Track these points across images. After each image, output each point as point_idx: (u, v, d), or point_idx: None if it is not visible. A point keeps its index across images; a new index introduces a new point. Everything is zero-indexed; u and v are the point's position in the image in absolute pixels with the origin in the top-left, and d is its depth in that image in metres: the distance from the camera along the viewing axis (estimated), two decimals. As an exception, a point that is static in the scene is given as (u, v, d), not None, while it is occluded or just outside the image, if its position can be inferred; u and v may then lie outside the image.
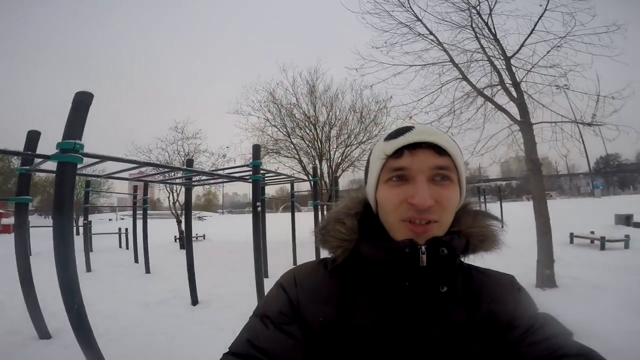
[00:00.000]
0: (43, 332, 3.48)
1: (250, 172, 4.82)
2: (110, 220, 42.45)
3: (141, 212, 8.69)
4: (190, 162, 5.40)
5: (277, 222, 12.38)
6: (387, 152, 0.55)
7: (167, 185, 11.70)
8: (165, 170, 5.64)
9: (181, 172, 6.32)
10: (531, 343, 0.48)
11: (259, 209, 4.01)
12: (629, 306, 3.71)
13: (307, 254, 7.39)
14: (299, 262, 7.21)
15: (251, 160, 4.32)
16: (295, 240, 8.16)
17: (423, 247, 0.52)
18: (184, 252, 10.68)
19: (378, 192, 0.57)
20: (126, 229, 12.99)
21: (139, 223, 8.49)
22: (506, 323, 0.52)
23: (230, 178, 5.05)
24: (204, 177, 5.70)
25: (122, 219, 43.24)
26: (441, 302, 0.52)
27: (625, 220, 12.48)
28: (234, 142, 22.81)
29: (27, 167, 3.60)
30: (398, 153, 0.54)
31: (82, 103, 2.54)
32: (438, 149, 0.53)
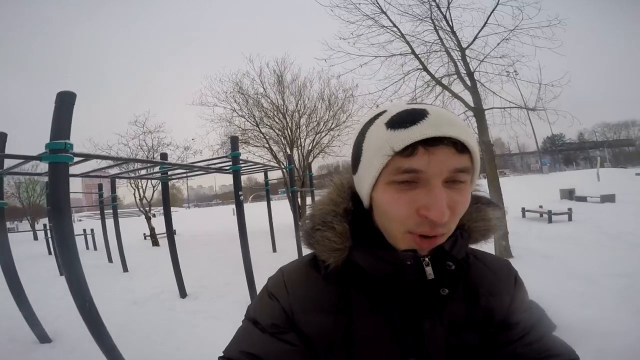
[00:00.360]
0: (43, 337, 3.41)
1: (227, 163, 4.97)
2: (67, 221, 39.67)
3: (108, 210, 8.51)
4: (164, 156, 5.42)
5: (249, 212, 12.33)
6: (395, 147, 0.43)
7: (132, 181, 11.32)
8: (148, 165, 5.59)
9: (153, 167, 6.30)
10: (527, 344, 0.48)
11: (242, 197, 4.20)
12: (573, 273, 4.13)
13: (284, 241, 7.65)
14: (278, 250, 7.36)
15: (228, 152, 4.45)
16: (272, 227, 8.37)
17: (427, 259, 0.48)
18: (157, 249, 10.66)
19: (377, 193, 0.47)
20: (92, 230, 12.47)
21: (109, 222, 8.26)
22: (501, 319, 0.51)
23: (209, 170, 5.16)
24: (181, 170, 5.73)
25: (80, 220, 40.75)
26: (442, 303, 0.49)
27: (569, 194, 13.38)
28: (200, 134, 22.35)
29: (0, 170, 3.50)
30: (410, 149, 0.42)
31: (66, 102, 2.57)
32: (459, 145, 0.43)
